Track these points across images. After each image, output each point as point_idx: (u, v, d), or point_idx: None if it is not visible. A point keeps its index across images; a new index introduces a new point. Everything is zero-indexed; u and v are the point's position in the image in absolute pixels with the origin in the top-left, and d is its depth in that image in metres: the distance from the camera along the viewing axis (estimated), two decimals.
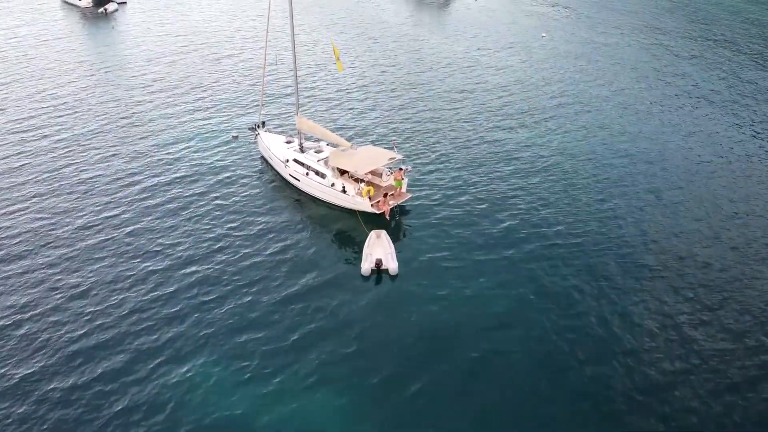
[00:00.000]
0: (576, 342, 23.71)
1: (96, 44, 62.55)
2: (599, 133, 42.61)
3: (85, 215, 31.54)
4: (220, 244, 29.16)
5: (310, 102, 46.77)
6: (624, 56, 60.79)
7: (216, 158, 37.84)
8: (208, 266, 27.60)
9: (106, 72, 53.44)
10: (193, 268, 27.40)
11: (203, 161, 37.42)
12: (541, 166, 37.47)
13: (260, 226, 30.68)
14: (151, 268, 27.43)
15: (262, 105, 37.81)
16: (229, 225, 30.65)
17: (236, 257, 28.21)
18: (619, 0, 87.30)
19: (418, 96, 48.72)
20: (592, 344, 23.63)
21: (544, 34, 69.58)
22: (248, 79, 51.80)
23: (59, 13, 76.15)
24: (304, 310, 25.11)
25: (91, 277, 26.89)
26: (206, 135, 41.13)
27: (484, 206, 32.79)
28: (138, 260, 28.02)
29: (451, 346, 23.47)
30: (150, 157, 37.90)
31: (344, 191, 31.61)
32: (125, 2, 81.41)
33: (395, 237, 29.96)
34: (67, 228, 30.39)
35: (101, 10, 76.54)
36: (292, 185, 34.35)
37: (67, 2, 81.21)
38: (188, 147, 39.23)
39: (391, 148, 33.46)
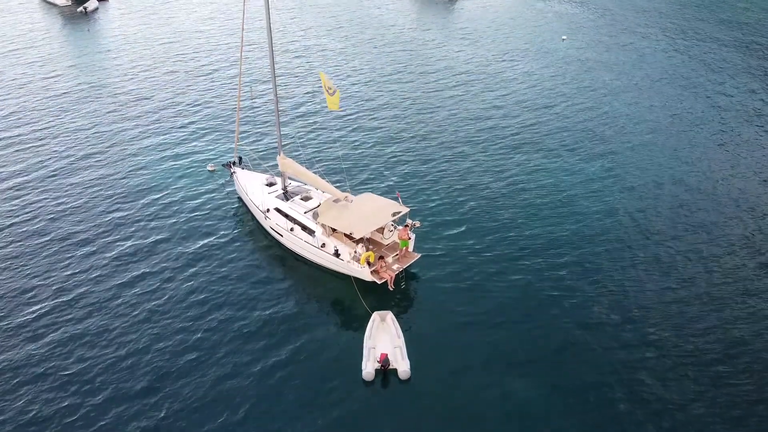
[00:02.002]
0: None
1: (68, 52, 56.12)
2: (655, 174, 35.99)
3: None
4: (176, 348, 22.63)
5: (294, 136, 40.14)
6: (657, 63, 54.05)
7: (186, 196, 31.54)
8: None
9: (72, 89, 47.10)
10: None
11: (170, 204, 31.12)
12: (589, 215, 31.00)
13: (230, 308, 24.16)
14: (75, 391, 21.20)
15: (237, 140, 31.38)
16: (188, 311, 24.07)
17: (199, 371, 21.78)
18: None
19: (429, 128, 41.43)
20: None
21: (564, 37, 63.00)
22: (233, 98, 45.37)
23: (36, 14, 69.91)
24: None
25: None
26: (179, 168, 34.83)
27: (517, 268, 26.42)
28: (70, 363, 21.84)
29: None
30: (106, 203, 31.73)
31: (337, 255, 25.27)
32: (107, 0, 75.07)
33: (403, 315, 23.63)
34: None
35: (80, 9, 70.36)
36: (274, 238, 28.06)
37: (45, 0, 75.05)
38: (154, 187, 32.96)
39: (395, 199, 27.03)
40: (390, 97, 45.85)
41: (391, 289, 25.02)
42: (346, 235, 25.75)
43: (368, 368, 20.77)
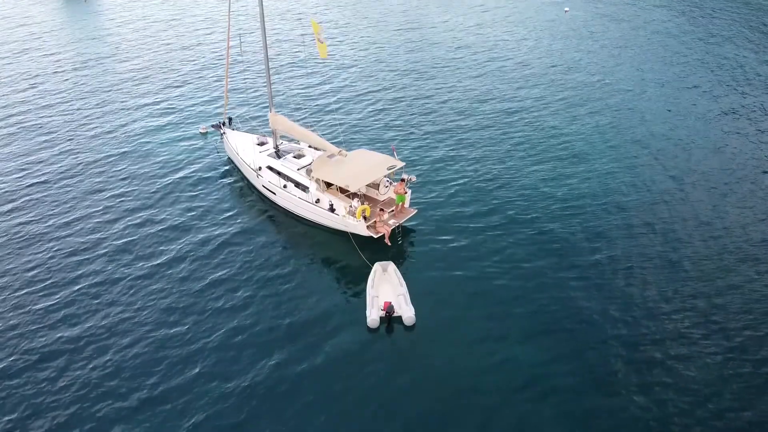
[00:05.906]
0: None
1: (63, 25, 55.07)
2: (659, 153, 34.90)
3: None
4: (166, 312, 21.94)
5: (286, 94, 39.13)
6: (662, 34, 52.80)
7: (177, 159, 30.63)
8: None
9: (66, 57, 46.12)
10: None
11: (161, 168, 30.22)
12: (584, 175, 30.07)
13: (227, 272, 22.97)
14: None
15: (227, 99, 30.34)
16: (183, 278, 22.99)
17: (194, 330, 20.89)
18: None
19: (423, 86, 40.78)
20: None
21: (566, 9, 61.81)
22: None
23: None
24: (297, 392, 17.95)
25: None
26: (170, 130, 33.91)
27: (507, 221, 25.52)
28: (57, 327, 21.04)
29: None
30: (98, 160, 30.84)
31: (332, 209, 24.37)
32: None
33: (400, 269, 22.67)
34: None
35: None
36: (267, 197, 27.14)
37: None
38: (145, 151, 32.08)
39: (390, 154, 26.05)
40: (389, 56, 44.77)
41: (388, 244, 24.15)
42: (340, 190, 24.85)
43: (373, 316, 20.15)
